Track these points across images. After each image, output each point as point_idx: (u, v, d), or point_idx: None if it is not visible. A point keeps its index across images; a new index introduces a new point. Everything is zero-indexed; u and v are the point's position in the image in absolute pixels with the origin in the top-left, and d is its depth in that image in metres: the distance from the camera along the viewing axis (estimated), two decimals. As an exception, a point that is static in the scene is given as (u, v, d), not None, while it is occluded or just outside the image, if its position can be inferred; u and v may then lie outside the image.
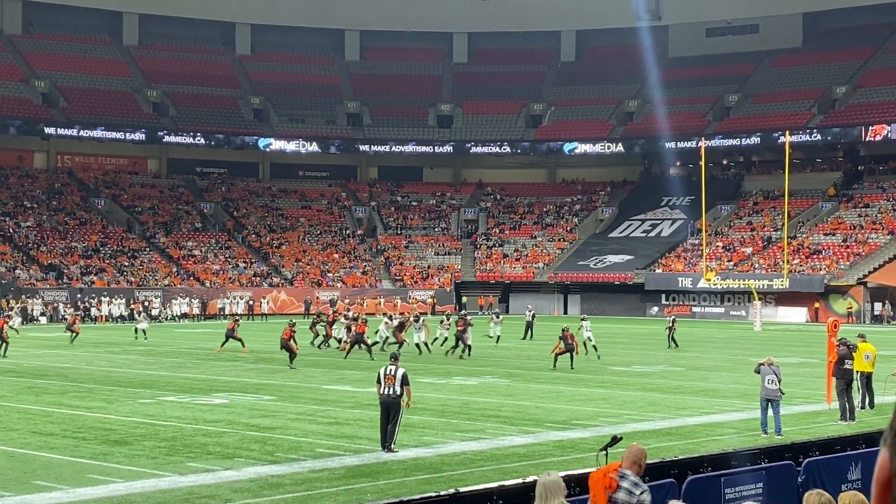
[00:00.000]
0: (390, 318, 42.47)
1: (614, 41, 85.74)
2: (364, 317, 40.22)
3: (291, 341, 32.84)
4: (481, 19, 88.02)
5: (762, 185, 78.44)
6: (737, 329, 56.51)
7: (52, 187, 75.76)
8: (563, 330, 32.78)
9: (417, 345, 37.38)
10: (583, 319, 39.96)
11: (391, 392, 17.58)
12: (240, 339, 38.02)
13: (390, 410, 17.58)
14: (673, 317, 44.03)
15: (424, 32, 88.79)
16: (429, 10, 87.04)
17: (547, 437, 19.40)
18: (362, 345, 36.18)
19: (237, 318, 45.03)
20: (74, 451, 17.57)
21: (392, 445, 17.54)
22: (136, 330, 44.47)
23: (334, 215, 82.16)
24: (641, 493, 8.31)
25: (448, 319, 42.07)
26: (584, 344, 37.04)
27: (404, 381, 17.67)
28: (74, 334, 42.35)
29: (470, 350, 36.22)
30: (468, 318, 38.53)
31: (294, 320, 37.19)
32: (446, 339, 39.62)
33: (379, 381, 17.79)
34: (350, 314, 42.43)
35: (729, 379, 29.95)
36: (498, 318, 44.44)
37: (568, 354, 32.39)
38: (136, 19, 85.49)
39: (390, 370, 17.76)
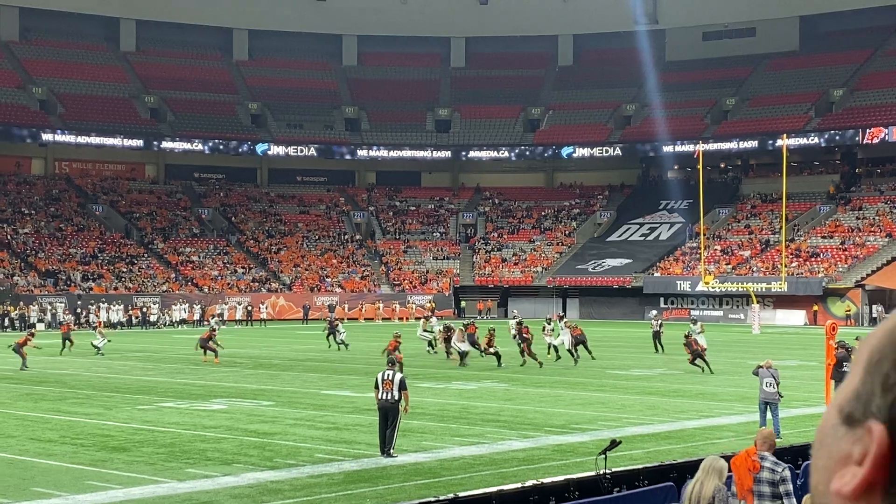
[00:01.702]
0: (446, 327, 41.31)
1: (612, 45, 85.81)
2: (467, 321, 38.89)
3: (397, 352, 31.98)
4: (479, 24, 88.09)
5: (760, 188, 78.48)
6: (735, 332, 56.47)
7: (50, 193, 75.71)
8: (685, 336, 32.92)
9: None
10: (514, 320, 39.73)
11: (389, 397, 17.56)
12: (213, 349, 36.51)
13: (388, 415, 17.57)
14: (660, 321, 43.31)
15: (422, 37, 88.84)
16: (426, 15, 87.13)
17: (546, 442, 19.40)
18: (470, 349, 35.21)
19: (214, 328, 44.14)
20: (73, 458, 17.55)
21: (391, 450, 17.54)
22: (95, 346, 40.82)
23: (332, 220, 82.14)
24: (783, 470, 9.42)
25: (550, 324, 40.88)
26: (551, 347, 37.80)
27: (402, 387, 17.66)
28: (69, 343, 40.24)
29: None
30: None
31: (399, 332, 35.94)
32: (551, 346, 38.48)
33: (377, 387, 17.77)
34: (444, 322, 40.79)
35: (728, 382, 29.94)
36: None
37: (700, 360, 31.98)
38: (134, 25, 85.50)
39: (388, 375, 17.73)
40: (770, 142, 73.72)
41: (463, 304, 72.73)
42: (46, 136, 74.07)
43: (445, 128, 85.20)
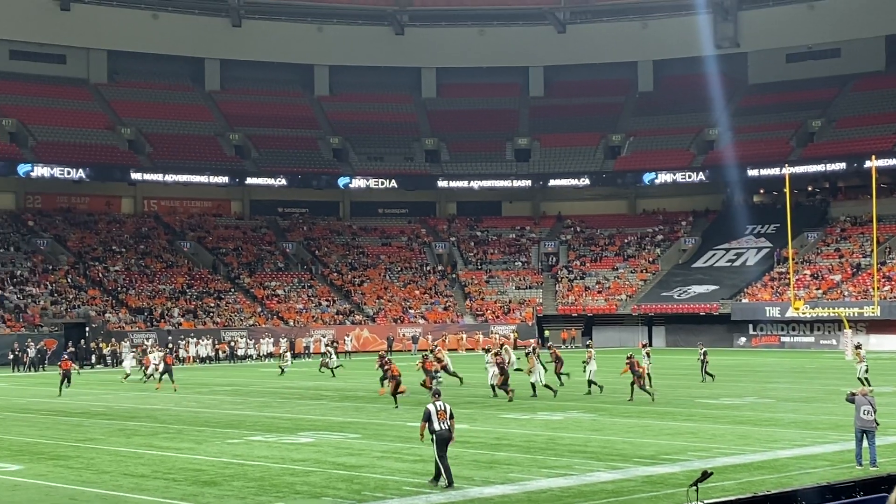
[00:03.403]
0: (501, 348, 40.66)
1: (692, 70, 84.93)
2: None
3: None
4: (557, 52, 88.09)
5: (849, 210, 76.83)
6: (827, 359, 55.23)
7: (140, 231, 77.40)
8: (627, 358, 32.34)
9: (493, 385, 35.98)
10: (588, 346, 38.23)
11: (447, 427, 18.09)
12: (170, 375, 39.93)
13: (446, 445, 18.05)
14: (704, 349, 41.64)
15: (500, 67, 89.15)
16: (504, 46, 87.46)
17: (635, 473, 19.12)
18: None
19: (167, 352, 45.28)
20: (165, 493, 17.79)
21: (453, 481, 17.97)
22: (124, 374, 43.83)
23: (414, 252, 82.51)
24: None
25: (644, 350, 39.58)
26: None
27: (451, 416, 18.28)
28: (65, 379, 38.75)
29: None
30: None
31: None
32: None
33: (429, 419, 18.11)
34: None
35: (821, 410, 29.26)
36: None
37: (638, 385, 32.09)
38: (218, 65, 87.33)
39: (440, 406, 18.20)
40: (858, 163, 72.18)
41: (546, 333, 72.32)
42: (135, 176, 75.85)
43: (525, 157, 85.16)
